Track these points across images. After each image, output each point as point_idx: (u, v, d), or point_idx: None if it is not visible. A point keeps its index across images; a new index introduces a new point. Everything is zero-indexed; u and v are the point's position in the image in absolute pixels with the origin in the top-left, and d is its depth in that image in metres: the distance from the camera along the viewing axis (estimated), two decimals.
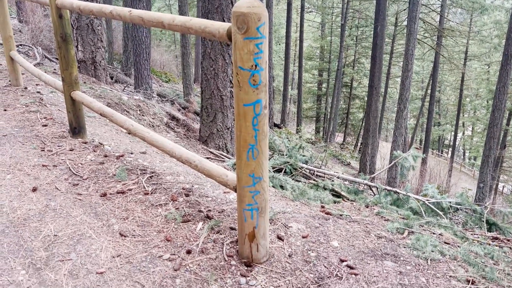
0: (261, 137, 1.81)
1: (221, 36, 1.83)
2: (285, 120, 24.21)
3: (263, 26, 1.69)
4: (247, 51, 1.69)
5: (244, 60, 1.70)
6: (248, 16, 1.64)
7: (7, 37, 4.71)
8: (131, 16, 2.33)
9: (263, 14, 1.67)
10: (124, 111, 5.46)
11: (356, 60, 31.54)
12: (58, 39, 3.19)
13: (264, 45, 1.71)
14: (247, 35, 1.67)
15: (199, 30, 1.93)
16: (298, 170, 4.90)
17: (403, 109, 8.77)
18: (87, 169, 2.88)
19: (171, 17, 2.09)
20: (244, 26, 1.66)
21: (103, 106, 3.00)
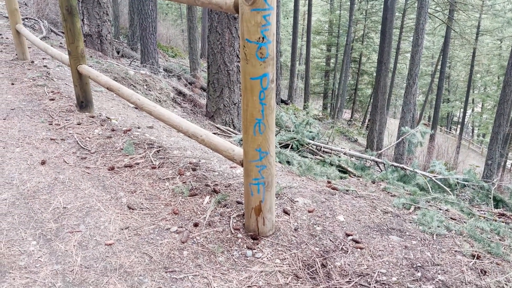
0: (268, 112, 1.79)
1: (228, 7, 1.79)
2: (292, 96, 24.04)
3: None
4: (254, 22, 1.66)
5: (251, 32, 1.67)
6: None
7: (12, 10, 4.67)
8: None
9: None
10: (130, 85, 5.45)
11: (365, 35, 30.99)
12: (64, 12, 3.16)
13: (271, 16, 1.68)
14: (255, 6, 1.63)
15: (206, 1, 1.89)
16: (305, 146, 4.89)
17: (412, 84, 8.62)
18: (95, 143, 2.90)
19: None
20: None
21: (110, 80, 2.98)
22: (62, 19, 3.21)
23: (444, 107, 35.82)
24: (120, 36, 15.43)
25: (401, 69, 33.07)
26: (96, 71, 3.17)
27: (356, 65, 31.73)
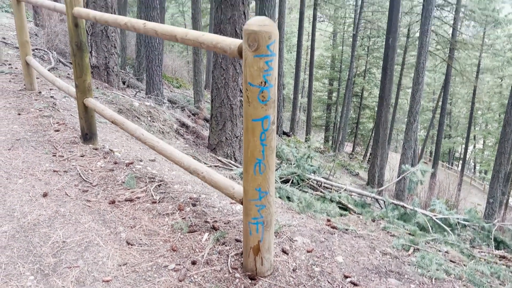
0: (268, 152, 1.83)
1: (232, 52, 1.87)
2: (294, 128, 24.21)
3: (274, 44, 1.72)
4: (257, 68, 1.72)
5: (254, 77, 1.73)
6: (259, 34, 1.68)
7: (23, 42, 4.82)
8: (145, 28, 2.38)
9: (274, 33, 1.71)
10: (135, 117, 5.53)
11: (367, 70, 31.49)
12: (73, 47, 3.26)
13: (274, 62, 1.75)
14: (258, 53, 1.70)
15: (211, 45, 1.97)
16: (305, 181, 4.91)
17: (413, 122, 8.71)
18: (97, 175, 2.93)
19: (184, 31, 2.13)
20: (254, 44, 1.70)
21: (115, 114, 3.05)
22: (71, 53, 3.31)
23: (446, 143, 35.91)
24: (126, 67, 15.75)
25: (402, 104, 33.40)
26: (102, 104, 3.24)
27: (358, 99, 32.09)
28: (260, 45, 1.70)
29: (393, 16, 13.78)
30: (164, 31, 2.24)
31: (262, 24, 1.69)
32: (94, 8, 6.17)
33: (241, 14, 5.00)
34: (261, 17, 1.73)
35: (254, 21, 1.70)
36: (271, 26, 1.70)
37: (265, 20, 1.71)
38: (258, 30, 1.68)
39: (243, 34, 1.74)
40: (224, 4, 4.96)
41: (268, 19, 1.73)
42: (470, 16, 19.83)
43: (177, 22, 31.16)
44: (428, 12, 8.38)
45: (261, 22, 1.69)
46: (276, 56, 1.76)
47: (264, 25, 1.69)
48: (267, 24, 1.69)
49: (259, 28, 1.68)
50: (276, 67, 1.78)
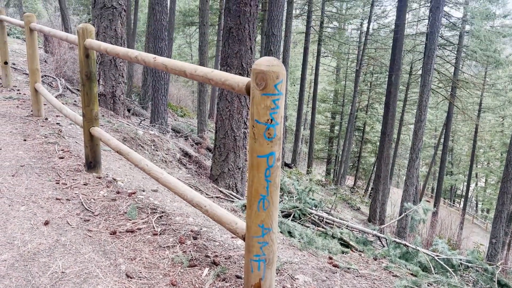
0: (272, 189, 1.84)
1: (240, 89, 1.91)
2: (296, 160, 24.24)
3: (281, 83, 1.77)
4: (264, 106, 1.76)
5: (261, 114, 1.77)
6: (267, 74, 1.73)
7: (34, 69, 4.92)
8: (155, 62, 2.44)
9: (281, 73, 1.75)
10: (139, 146, 5.57)
11: (370, 105, 31.81)
12: (83, 77, 3.33)
13: (280, 101, 1.79)
14: (265, 92, 1.74)
15: (220, 82, 2.01)
16: (307, 215, 4.88)
17: (415, 159, 8.74)
18: (99, 205, 2.93)
19: (193, 67, 2.19)
20: (262, 83, 1.74)
21: (120, 144, 3.08)
22: (80, 83, 3.38)
23: (447, 180, 35.76)
24: (132, 95, 15.96)
25: (404, 140, 33.53)
26: (108, 134, 3.28)
27: (360, 134, 32.26)
28: (267, 84, 1.74)
29: (396, 54, 14.06)
30: (174, 66, 2.30)
31: (270, 64, 1.74)
32: (104, 38, 6.34)
33: (248, 49, 5.12)
34: (269, 57, 1.78)
35: (263, 61, 1.75)
36: (279, 66, 1.75)
37: (273, 60, 1.76)
38: (266, 70, 1.72)
39: (252, 73, 1.78)
40: (231, 39, 5.09)
41: (276, 59, 1.78)
42: (471, 56, 20.20)
43: (183, 52, 31.80)
44: (431, 51, 8.58)
45: (269, 62, 1.74)
46: (283, 95, 1.81)
47: (272, 65, 1.74)
48: (275, 65, 1.74)
49: (267, 68, 1.73)
50: (283, 106, 1.82)
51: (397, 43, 14.30)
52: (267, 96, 1.75)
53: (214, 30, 23.12)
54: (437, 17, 8.89)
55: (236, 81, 1.93)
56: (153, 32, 9.64)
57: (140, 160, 2.83)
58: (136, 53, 2.64)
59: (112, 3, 6.27)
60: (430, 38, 8.96)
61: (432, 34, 8.82)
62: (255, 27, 5.13)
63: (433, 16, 9.20)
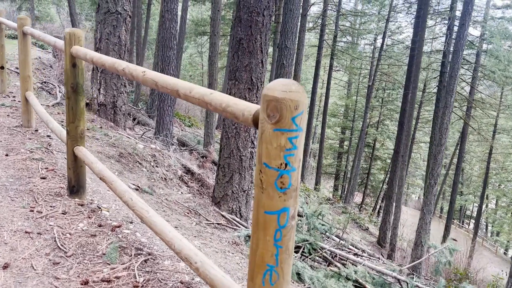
0: (283, 256, 1.37)
1: (245, 119, 1.45)
2: (303, 175, 23.68)
3: (301, 116, 1.31)
4: (276, 145, 1.30)
5: (272, 156, 1.31)
6: (283, 103, 1.27)
7: (25, 76, 4.53)
8: (144, 77, 2.00)
9: (302, 101, 1.30)
10: (136, 162, 5.13)
11: (381, 122, 31.22)
12: (68, 89, 2.91)
13: (299, 139, 1.32)
14: (279, 126, 1.28)
15: (219, 108, 1.56)
16: (318, 250, 4.38)
17: (434, 185, 8.21)
18: (75, 242, 2.47)
19: (188, 86, 1.74)
20: (275, 115, 1.28)
21: (104, 170, 2.63)
22: (65, 95, 2.95)
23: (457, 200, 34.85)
24: (139, 103, 15.63)
25: (415, 158, 32.81)
26: (93, 156, 2.84)
27: (370, 150, 31.60)
28: (282, 117, 1.28)
29: (413, 71, 13.57)
30: (165, 84, 1.85)
31: (288, 89, 1.28)
32: (106, 44, 5.95)
33: (259, 63, 4.68)
34: (286, 80, 1.32)
35: (277, 85, 1.30)
36: (299, 93, 1.29)
37: (291, 84, 1.30)
38: (281, 98, 1.27)
39: (262, 100, 1.33)
40: (241, 51, 4.66)
41: (296, 83, 1.32)
42: (489, 76, 19.61)
43: (194, 62, 31.62)
44: (454, 71, 8.08)
45: (286, 87, 1.29)
46: (303, 131, 1.35)
47: (291, 91, 1.29)
48: (293, 90, 1.29)
49: (283, 94, 1.28)
50: (302, 146, 1.35)
51: (414, 60, 13.82)
52: (282, 133, 1.29)
53: (226, 40, 22.85)
54: (462, 35, 8.42)
55: (240, 108, 1.48)
56: (162, 41, 9.29)
57: (124, 192, 2.37)
58: (124, 65, 2.20)
59: (116, 8, 5.89)
60: (454, 56, 8.47)
61: (456, 53, 8.33)
62: (268, 38, 4.69)
63: (457, 34, 8.72)
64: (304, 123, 1.33)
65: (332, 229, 6.95)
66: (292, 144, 1.31)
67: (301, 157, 1.35)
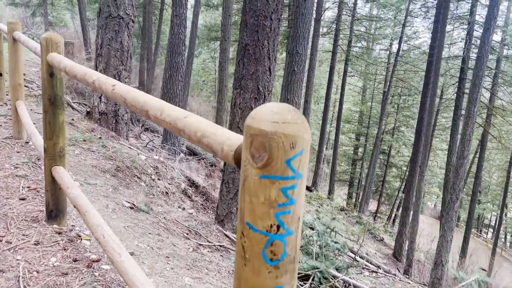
0: None
1: (225, 157, 1.07)
2: (316, 183, 23.13)
3: (299, 157, 0.92)
4: (264, 199, 0.91)
5: (258, 214, 0.93)
6: (273, 140, 0.89)
7: (16, 85, 4.23)
8: (113, 93, 1.64)
9: (301, 137, 0.91)
10: (134, 176, 4.78)
11: (396, 128, 30.52)
12: (45, 102, 2.57)
13: (298, 190, 0.94)
14: (268, 172, 0.90)
15: (194, 138, 1.19)
16: (329, 280, 3.96)
17: (455, 200, 7.66)
18: (42, 283, 2.11)
19: (159, 107, 1.36)
20: (263, 156, 0.90)
21: (79, 197, 2.27)
22: (43, 109, 2.62)
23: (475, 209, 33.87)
24: None
25: (432, 166, 31.91)
26: (70, 178, 2.49)
27: (385, 157, 30.87)
28: (273, 159, 0.90)
29: (431, 77, 13.03)
30: (134, 102, 1.49)
31: (281, 119, 0.91)
32: (108, 50, 5.65)
33: (266, 70, 4.29)
34: (279, 105, 0.94)
35: (266, 112, 0.92)
36: (298, 124, 0.91)
37: (286, 112, 0.92)
38: (271, 132, 0.89)
39: (244, 134, 0.95)
40: (247, 58, 4.28)
41: (293, 110, 0.94)
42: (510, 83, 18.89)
43: (207, 67, 31.44)
44: (478, 79, 7.55)
45: (278, 116, 0.91)
46: (303, 179, 0.96)
47: (285, 122, 0.91)
48: (289, 121, 0.91)
49: (274, 127, 0.90)
50: (303, 199, 0.97)
51: (432, 66, 13.27)
52: (272, 182, 0.91)
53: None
54: (486, 40, 7.90)
55: (218, 141, 1.09)
56: (170, 46, 8.99)
57: (97, 226, 2.01)
58: (95, 76, 1.84)
59: (118, 13, 5.59)
60: (477, 63, 7.94)
61: (480, 59, 7.80)
62: (276, 44, 4.31)
63: (482, 39, 8.19)
64: (305, 166, 0.95)
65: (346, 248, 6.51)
66: (288, 198, 0.92)
67: (300, 215, 0.96)
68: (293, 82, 7.64)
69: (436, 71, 12.68)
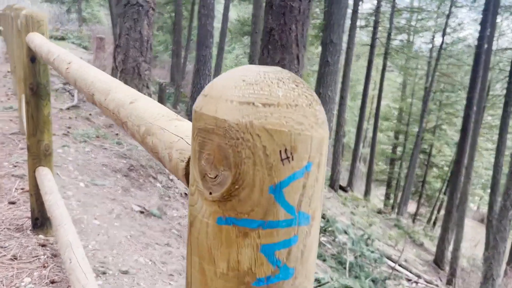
0: None
1: (174, 168, 0.59)
2: (352, 183, 22.25)
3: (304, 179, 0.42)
4: (227, 267, 0.43)
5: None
6: (243, 141, 0.39)
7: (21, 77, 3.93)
8: (67, 73, 1.20)
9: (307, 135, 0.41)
10: (149, 176, 4.40)
11: (438, 126, 29.04)
12: (27, 91, 2.20)
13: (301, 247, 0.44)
14: (232, 211, 0.42)
15: (137, 135, 0.72)
16: None
17: (509, 207, 6.82)
18: None
19: (107, 89, 0.90)
20: (223, 175, 0.42)
21: (56, 206, 1.86)
22: (25, 99, 2.24)
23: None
24: (179, 104, 15.17)
25: (476, 167, 30.17)
26: (53, 184, 2.10)
27: (425, 157, 29.45)
28: (243, 181, 0.42)
29: (479, 72, 12.01)
30: (82, 83, 1.03)
31: (262, 98, 0.40)
32: (126, 41, 5.31)
33: (293, 59, 3.77)
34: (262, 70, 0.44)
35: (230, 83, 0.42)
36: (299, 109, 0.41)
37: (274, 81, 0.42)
38: (238, 124, 0.39)
39: (192, 127, 0.45)
40: (272, 45, 3.78)
41: (291, 78, 0.43)
42: None
43: (240, 62, 31.11)
44: None
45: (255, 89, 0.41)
46: (314, 221, 0.45)
47: (269, 104, 0.40)
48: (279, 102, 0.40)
49: (243, 114, 0.39)
50: (312, 267, 0.46)
51: (480, 59, 12.23)
52: (243, 232, 0.42)
53: None
54: None
55: (167, 141, 0.61)
56: (198, 38, 8.62)
57: (66, 247, 1.58)
58: (56, 54, 1.41)
59: (137, 0, 5.23)
60: None
61: None
62: (306, 29, 3.78)
63: None
64: (317, 195, 0.45)
65: (383, 258, 5.92)
66: (277, 265, 0.44)
67: None
68: (327, 74, 7.01)
69: (485, 64, 11.68)
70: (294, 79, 0.45)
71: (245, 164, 0.41)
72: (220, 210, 0.44)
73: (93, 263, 2.23)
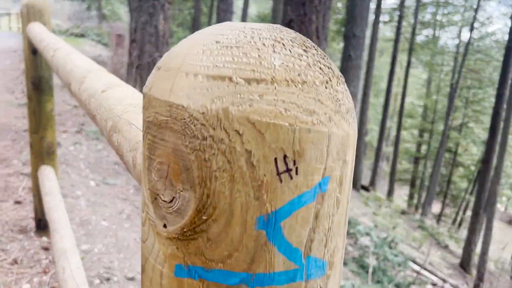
0: None
1: (138, 176, 0.41)
2: (374, 182, 21.80)
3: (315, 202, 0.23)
4: None
5: None
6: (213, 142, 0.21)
7: None
8: (52, 61, 1.05)
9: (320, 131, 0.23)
10: None
11: (464, 124, 28.19)
12: (29, 86, 2.08)
13: None
14: (196, 258, 0.25)
15: (105, 132, 0.54)
16: None
17: None
18: None
19: (82, 76, 0.74)
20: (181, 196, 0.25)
21: (55, 209, 1.73)
22: (27, 94, 2.13)
23: None
24: None
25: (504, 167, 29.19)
26: (55, 185, 1.97)
27: (451, 155, 28.65)
28: (216, 208, 0.25)
29: (508, 67, 11.49)
30: (62, 71, 0.88)
31: (246, 70, 0.22)
32: (142, 36, 5.20)
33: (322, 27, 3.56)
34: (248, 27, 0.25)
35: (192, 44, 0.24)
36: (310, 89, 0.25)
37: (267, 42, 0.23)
38: (204, 113, 0.20)
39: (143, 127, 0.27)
40: None
41: (293, 38, 0.24)
42: None
43: None
44: None
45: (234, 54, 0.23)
46: (336, 268, 0.26)
47: (257, 80, 0.22)
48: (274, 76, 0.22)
49: (210, 97, 0.20)
50: None
51: (511, 54, 11.71)
52: None
53: None
54: None
55: (133, 140, 0.44)
56: None
57: (60, 254, 1.44)
58: (46, 41, 1.27)
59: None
60: None
61: None
62: (327, 20, 3.57)
63: None
64: (341, 229, 0.26)
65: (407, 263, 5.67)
66: None
67: None
68: (349, 69, 6.72)
69: None
70: (302, 41, 0.28)
71: (217, 181, 0.24)
72: (179, 254, 0.26)
73: (98, 269, 2.10)
